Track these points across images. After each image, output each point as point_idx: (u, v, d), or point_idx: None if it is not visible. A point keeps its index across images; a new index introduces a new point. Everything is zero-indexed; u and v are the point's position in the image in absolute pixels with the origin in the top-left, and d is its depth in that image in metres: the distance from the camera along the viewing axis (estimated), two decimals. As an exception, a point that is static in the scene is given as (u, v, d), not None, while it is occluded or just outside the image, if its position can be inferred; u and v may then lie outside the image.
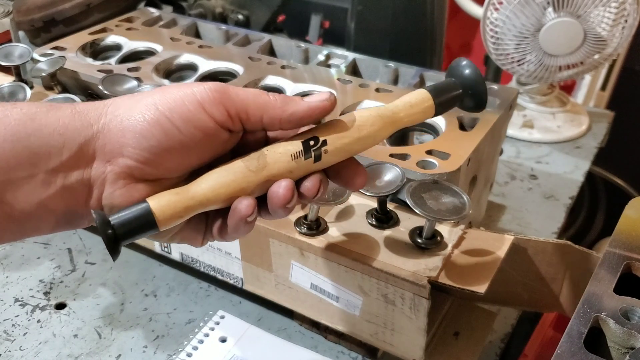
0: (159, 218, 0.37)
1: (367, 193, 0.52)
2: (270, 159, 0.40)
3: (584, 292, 0.43)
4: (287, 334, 0.63)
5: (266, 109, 0.40)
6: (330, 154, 0.40)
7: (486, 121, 0.64)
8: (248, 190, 0.40)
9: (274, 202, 0.40)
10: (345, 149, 0.41)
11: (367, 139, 0.41)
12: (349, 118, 0.42)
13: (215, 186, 0.39)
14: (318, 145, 0.40)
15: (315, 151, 0.40)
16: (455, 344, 0.58)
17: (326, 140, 0.40)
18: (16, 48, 0.75)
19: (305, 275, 0.56)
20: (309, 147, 0.40)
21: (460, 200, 0.51)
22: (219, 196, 0.39)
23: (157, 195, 0.38)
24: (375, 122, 0.42)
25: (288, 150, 0.40)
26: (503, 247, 0.53)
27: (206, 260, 0.64)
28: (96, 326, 0.64)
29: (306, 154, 0.40)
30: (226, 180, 0.39)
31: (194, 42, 0.83)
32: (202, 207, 0.39)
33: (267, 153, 0.40)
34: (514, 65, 0.94)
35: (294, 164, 0.40)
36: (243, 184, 0.39)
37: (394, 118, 0.42)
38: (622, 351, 0.41)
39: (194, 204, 0.38)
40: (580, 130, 1.01)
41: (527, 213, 0.84)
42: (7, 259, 0.73)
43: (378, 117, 0.42)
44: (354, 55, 0.79)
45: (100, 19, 0.92)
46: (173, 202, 0.38)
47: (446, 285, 0.49)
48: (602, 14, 0.88)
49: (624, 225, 0.49)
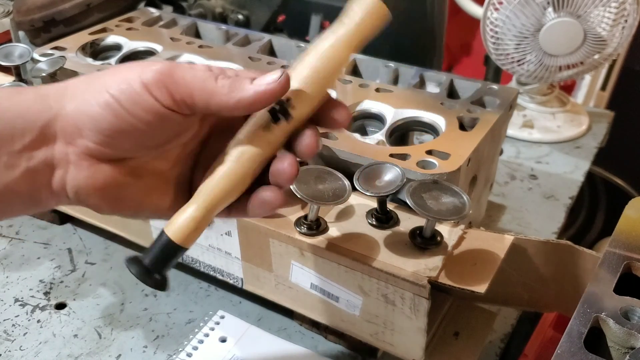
0: (180, 242, 0.39)
1: (367, 193, 0.52)
2: (245, 140, 0.40)
3: (584, 292, 0.43)
4: (287, 334, 0.63)
5: (212, 96, 0.38)
6: (299, 105, 0.40)
7: (486, 121, 0.64)
8: (247, 180, 0.40)
9: (282, 178, 0.40)
10: (311, 90, 0.40)
11: (328, 65, 0.40)
12: (310, 57, 0.41)
13: (213, 191, 0.40)
14: (282, 105, 0.40)
15: (281, 113, 0.40)
16: (455, 344, 0.58)
17: (289, 97, 0.40)
18: (16, 48, 0.75)
19: (305, 275, 0.56)
20: (275, 111, 0.40)
21: (460, 200, 0.51)
22: (223, 199, 0.40)
23: (172, 219, 0.40)
24: (329, 37, 0.41)
25: (257, 123, 0.40)
26: (503, 247, 0.53)
27: (206, 260, 0.64)
28: (96, 326, 0.64)
29: (275, 119, 0.40)
30: (220, 182, 0.40)
31: (194, 42, 0.83)
32: (213, 213, 0.40)
33: (240, 137, 0.40)
34: (514, 65, 0.94)
35: (270, 136, 0.40)
36: (238, 176, 0.40)
37: (348, 31, 0.41)
38: (622, 351, 0.41)
39: (205, 215, 0.40)
40: (580, 130, 1.01)
41: (527, 213, 0.84)
42: (7, 259, 0.73)
43: (331, 33, 0.41)
44: (354, 55, 0.79)
45: (100, 19, 0.92)
46: (186, 222, 0.39)
47: (446, 285, 0.49)
48: (602, 14, 0.88)
49: (624, 225, 0.49)
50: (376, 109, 0.67)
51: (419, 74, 0.74)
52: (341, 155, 0.60)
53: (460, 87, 0.72)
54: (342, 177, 0.54)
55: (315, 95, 0.41)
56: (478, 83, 0.71)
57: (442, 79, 0.72)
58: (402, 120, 0.66)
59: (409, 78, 0.74)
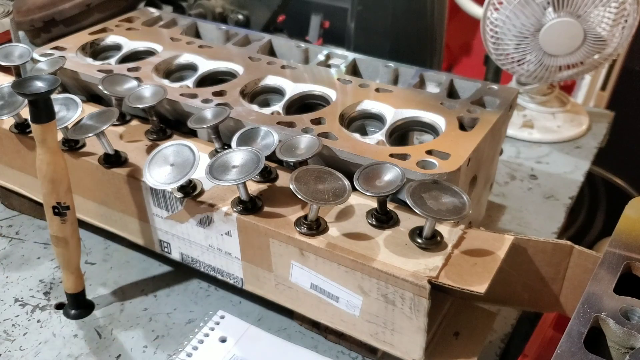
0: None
1: (367, 193, 0.53)
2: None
3: (584, 292, 0.43)
4: (287, 334, 0.63)
5: None
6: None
7: (486, 121, 0.64)
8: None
9: None
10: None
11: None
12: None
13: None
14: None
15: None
16: (455, 344, 0.58)
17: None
18: (16, 48, 0.75)
19: (305, 275, 0.56)
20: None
21: (460, 200, 0.51)
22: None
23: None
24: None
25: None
26: (503, 247, 0.53)
27: (206, 260, 0.64)
28: (96, 326, 0.64)
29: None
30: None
31: (194, 42, 0.83)
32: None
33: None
34: (514, 65, 0.94)
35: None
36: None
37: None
38: (622, 351, 0.41)
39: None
40: (580, 130, 1.01)
41: (527, 213, 0.84)
42: (7, 259, 0.73)
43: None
44: (354, 55, 0.79)
45: (100, 19, 0.92)
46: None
47: (446, 285, 0.50)
48: (602, 14, 0.88)
49: (624, 225, 0.50)
50: (376, 109, 0.68)
51: (419, 74, 0.74)
52: (341, 155, 0.60)
53: (460, 87, 0.72)
54: (342, 177, 0.54)
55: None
56: (478, 83, 0.71)
57: (442, 79, 0.72)
58: (402, 120, 0.66)
59: (409, 78, 0.74)
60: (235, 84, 0.72)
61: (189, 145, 0.59)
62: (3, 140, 0.71)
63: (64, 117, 0.63)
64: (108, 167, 0.64)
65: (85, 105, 0.73)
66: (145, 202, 0.64)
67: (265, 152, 0.57)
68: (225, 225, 0.59)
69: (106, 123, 0.62)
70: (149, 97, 0.67)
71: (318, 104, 0.70)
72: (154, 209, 0.63)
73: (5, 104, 0.66)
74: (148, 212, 0.64)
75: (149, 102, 0.66)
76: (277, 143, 0.60)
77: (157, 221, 0.64)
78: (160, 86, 0.68)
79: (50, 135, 0.54)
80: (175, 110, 0.70)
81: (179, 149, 0.59)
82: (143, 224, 0.66)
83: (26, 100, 0.57)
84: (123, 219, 0.67)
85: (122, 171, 0.63)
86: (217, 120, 0.62)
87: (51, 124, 0.54)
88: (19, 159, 0.71)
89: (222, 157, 0.57)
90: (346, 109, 0.67)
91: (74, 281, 0.63)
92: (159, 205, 0.62)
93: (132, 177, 0.63)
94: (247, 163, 0.55)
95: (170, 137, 0.69)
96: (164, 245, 0.66)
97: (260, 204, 0.58)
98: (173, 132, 0.69)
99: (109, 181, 0.65)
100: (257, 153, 0.56)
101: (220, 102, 0.68)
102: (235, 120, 0.65)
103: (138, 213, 0.65)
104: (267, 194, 0.60)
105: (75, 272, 0.63)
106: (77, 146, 0.67)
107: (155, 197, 0.62)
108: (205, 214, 0.59)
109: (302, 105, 0.71)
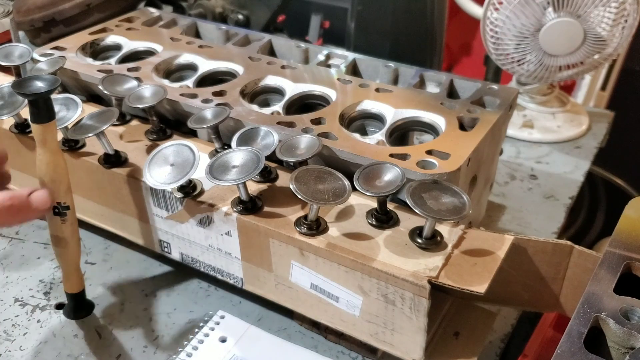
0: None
1: (367, 193, 0.53)
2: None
3: (584, 292, 0.43)
4: (287, 334, 0.63)
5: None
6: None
7: (486, 121, 0.64)
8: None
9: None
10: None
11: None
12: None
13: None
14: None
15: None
16: (455, 344, 0.58)
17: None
18: (16, 48, 0.75)
19: (305, 275, 0.56)
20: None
21: (460, 200, 0.51)
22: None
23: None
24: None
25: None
26: (503, 247, 0.53)
27: (206, 260, 0.64)
28: (96, 326, 0.64)
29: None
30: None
31: (194, 42, 0.83)
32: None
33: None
34: (514, 65, 0.94)
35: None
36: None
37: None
38: (622, 351, 0.41)
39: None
40: (580, 130, 1.01)
41: (527, 213, 0.84)
42: (7, 259, 0.73)
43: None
44: (354, 55, 0.79)
45: (100, 19, 0.92)
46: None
47: (446, 285, 0.49)
48: (602, 14, 0.88)
49: (624, 225, 0.50)
50: (376, 109, 0.68)
51: (419, 74, 0.74)
52: (341, 155, 0.60)
53: (460, 87, 0.72)
54: (342, 177, 0.54)
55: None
56: (478, 83, 0.71)
57: (442, 79, 0.72)
58: (402, 120, 0.66)
59: (409, 78, 0.74)
60: (235, 84, 0.72)
61: (189, 145, 0.59)
62: (3, 140, 0.71)
63: (64, 117, 0.63)
64: (108, 167, 0.64)
65: (85, 105, 0.73)
66: (145, 202, 0.64)
67: (265, 152, 0.57)
68: (225, 225, 0.59)
69: (106, 123, 0.62)
70: (149, 97, 0.67)
71: (318, 104, 0.70)
72: (154, 209, 0.63)
73: (5, 104, 0.66)
74: (148, 212, 0.64)
75: (149, 102, 0.66)
76: (277, 143, 0.60)
77: (157, 221, 0.64)
78: (160, 86, 0.69)
79: (50, 135, 0.54)
80: (175, 110, 0.70)
81: (179, 149, 0.59)
82: (143, 224, 0.66)
83: (26, 100, 0.56)
84: (123, 219, 0.67)
85: (122, 171, 0.64)
86: (217, 120, 0.62)
87: (51, 124, 0.54)
88: (19, 159, 0.71)
89: (222, 157, 0.57)
90: (346, 109, 0.67)
91: (74, 281, 0.63)
92: (159, 205, 0.62)
93: (132, 177, 0.63)
94: (247, 163, 0.55)
95: (170, 137, 0.69)
96: (164, 245, 0.66)
97: (260, 204, 0.58)
98: (173, 132, 0.69)
99: (109, 181, 0.65)
100: (257, 153, 0.56)
101: (220, 102, 0.68)
102: (235, 120, 0.65)
103: (138, 213, 0.65)
104: (267, 194, 0.60)
105: (75, 272, 0.62)
106: (77, 146, 0.67)
107: (155, 197, 0.62)
108: (205, 214, 0.59)
109: (302, 105, 0.72)
